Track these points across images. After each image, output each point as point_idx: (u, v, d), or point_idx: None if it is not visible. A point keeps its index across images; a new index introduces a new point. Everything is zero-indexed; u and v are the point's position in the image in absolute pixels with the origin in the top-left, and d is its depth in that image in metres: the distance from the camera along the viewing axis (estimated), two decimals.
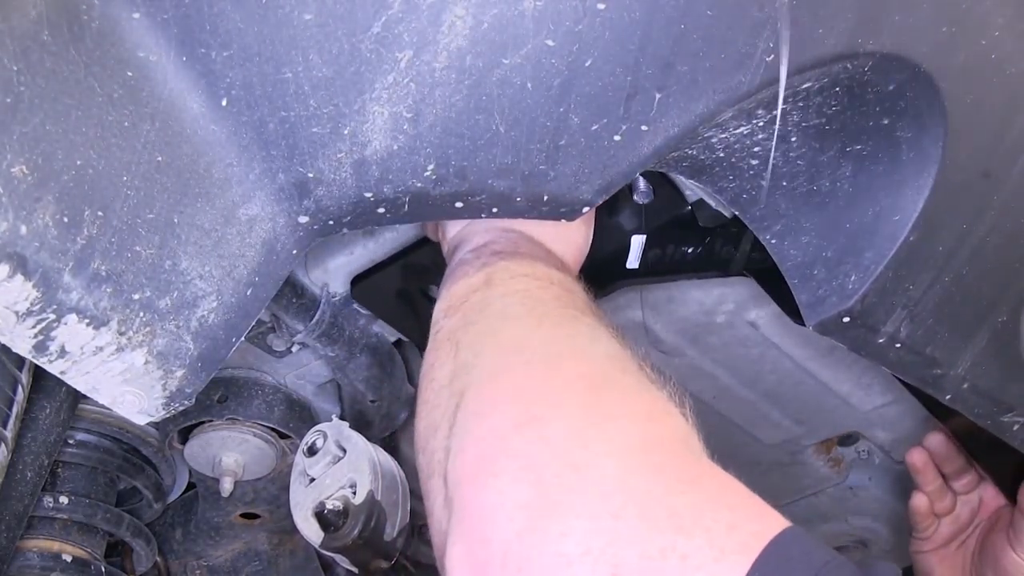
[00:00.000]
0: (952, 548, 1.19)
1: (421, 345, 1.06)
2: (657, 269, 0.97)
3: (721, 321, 1.09)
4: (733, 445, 1.29)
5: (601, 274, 0.95)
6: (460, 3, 0.61)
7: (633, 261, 0.95)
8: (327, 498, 0.84)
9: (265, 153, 0.65)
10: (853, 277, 0.79)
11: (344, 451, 0.86)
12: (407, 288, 1.01)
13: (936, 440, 1.16)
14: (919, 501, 1.17)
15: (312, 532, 0.84)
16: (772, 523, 0.52)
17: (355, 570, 0.88)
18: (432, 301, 0.98)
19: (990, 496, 1.17)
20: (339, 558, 0.86)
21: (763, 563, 0.49)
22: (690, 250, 0.97)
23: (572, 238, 0.86)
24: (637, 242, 0.95)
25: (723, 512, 0.52)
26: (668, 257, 0.97)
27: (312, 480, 0.86)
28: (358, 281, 0.98)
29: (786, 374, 1.15)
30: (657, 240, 0.95)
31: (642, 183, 0.90)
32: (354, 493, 0.84)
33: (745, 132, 0.73)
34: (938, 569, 1.19)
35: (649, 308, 1.04)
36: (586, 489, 0.54)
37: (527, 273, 0.75)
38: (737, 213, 0.81)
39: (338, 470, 0.85)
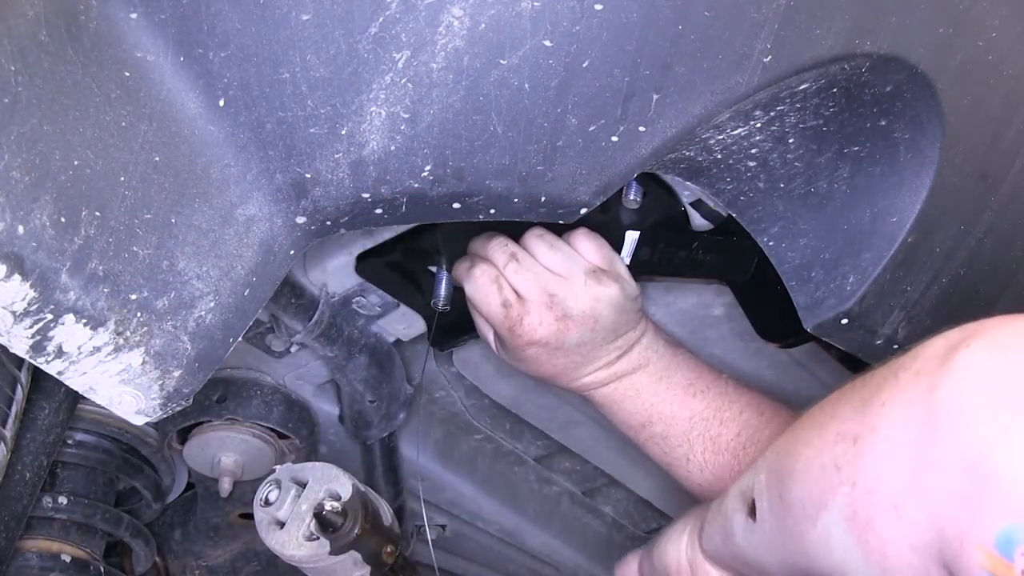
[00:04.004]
0: None
1: (422, 312, 1.06)
2: (645, 268, 0.97)
3: (719, 314, 1.09)
4: None
5: None
6: (458, 4, 0.61)
7: (625, 256, 0.96)
8: (309, 522, 0.84)
9: (263, 153, 0.65)
10: (851, 279, 0.79)
11: (304, 483, 0.86)
12: (411, 267, 1.01)
13: None
14: None
15: (314, 548, 0.84)
16: None
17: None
18: (433, 276, 0.99)
19: None
20: (349, 559, 0.86)
21: None
22: (681, 254, 0.97)
23: None
24: (631, 238, 0.95)
25: None
26: (657, 258, 0.97)
27: (283, 524, 0.86)
28: (364, 258, 0.98)
29: (784, 370, 1.15)
30: (649, 239, 0.96)
31: (634, 189, 0.90)
32: (339, 498, 0.84)
33: (742, 134, 0.73)
34: None
35: (648, 300, 1.04)
36: None
37: None
38: (734, 215, 0.81)
39: (309, 494, 0.85)
